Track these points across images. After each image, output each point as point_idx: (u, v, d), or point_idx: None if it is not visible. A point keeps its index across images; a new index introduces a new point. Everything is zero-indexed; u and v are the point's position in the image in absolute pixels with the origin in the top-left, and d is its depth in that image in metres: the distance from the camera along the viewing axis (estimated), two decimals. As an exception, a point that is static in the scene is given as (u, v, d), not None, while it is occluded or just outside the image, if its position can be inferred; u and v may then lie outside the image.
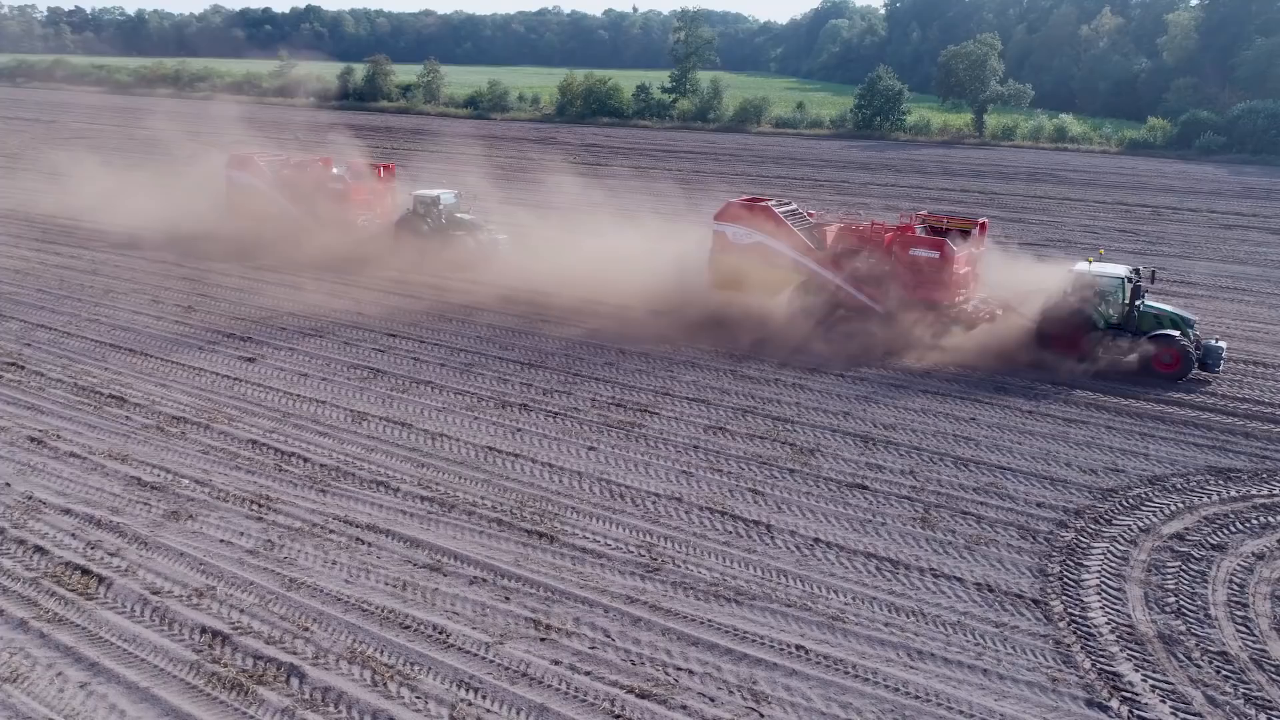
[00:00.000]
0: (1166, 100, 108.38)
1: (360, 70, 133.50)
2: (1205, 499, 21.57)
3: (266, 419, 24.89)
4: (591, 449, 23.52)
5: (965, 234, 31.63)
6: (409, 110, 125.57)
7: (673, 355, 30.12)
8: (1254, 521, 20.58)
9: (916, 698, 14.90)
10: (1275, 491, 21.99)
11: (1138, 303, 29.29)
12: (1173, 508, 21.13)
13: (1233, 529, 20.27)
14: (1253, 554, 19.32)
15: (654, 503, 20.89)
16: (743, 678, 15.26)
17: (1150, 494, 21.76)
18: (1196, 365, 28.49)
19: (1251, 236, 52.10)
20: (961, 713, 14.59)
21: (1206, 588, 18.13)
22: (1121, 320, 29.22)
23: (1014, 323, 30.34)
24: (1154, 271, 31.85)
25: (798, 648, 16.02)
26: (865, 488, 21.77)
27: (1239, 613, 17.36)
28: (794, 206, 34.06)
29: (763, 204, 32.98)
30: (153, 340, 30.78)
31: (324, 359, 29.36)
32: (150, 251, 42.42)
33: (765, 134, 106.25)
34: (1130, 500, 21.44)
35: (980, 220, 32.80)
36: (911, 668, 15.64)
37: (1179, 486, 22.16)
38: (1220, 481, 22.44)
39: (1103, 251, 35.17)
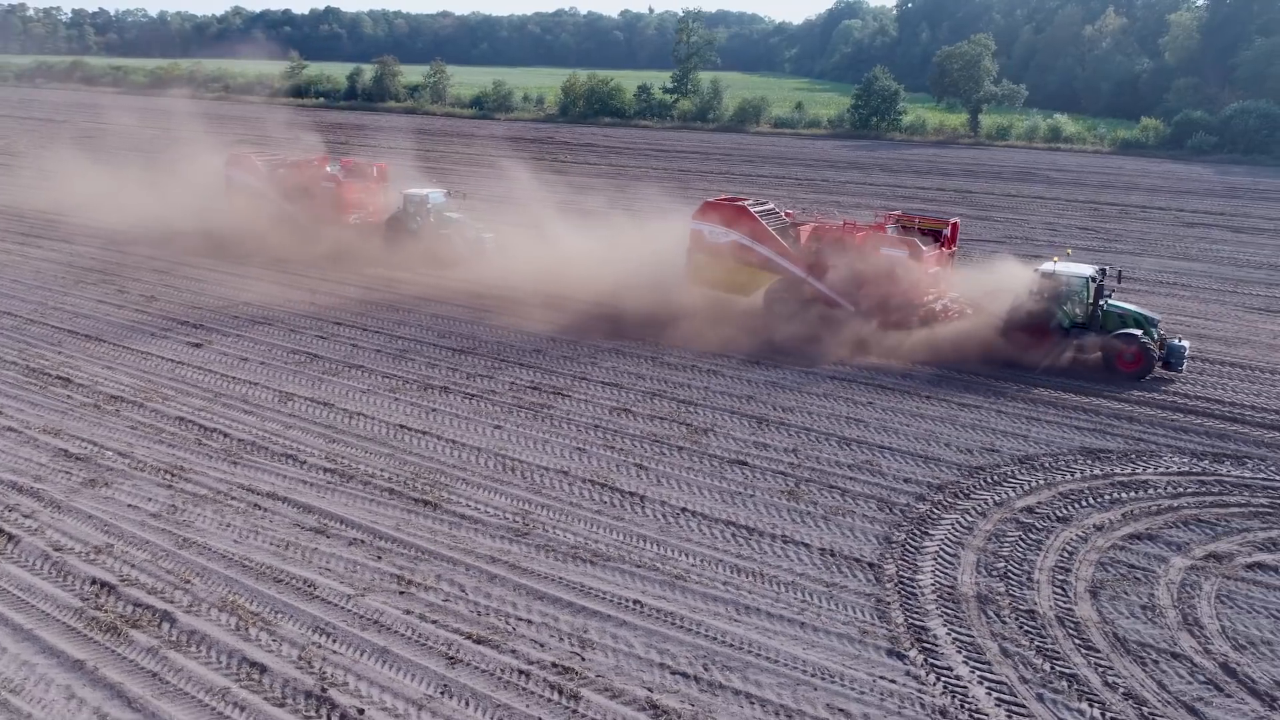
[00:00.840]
0: (1167, 100, 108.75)
1: (369, 71, 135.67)
2: (1068, 476, 22.76)
3: (199, 398, 26.48)
4: (498, 427, 24.97)
5: (936, 234, 32.45)
6: (415, 110, 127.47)
7: (600, 344, 31.47)
8: (1106, 497, 21.76)
9: (730, 645, 16.24)
10: (1138, 470, 23.14)
11: (1102, 302, 29.67)
12: (1034, 484, 22.34)
13: (1083, 503, 21.46)
14: (1094, 525, 20.52)
15: (541, 476, 22.30)
16: (576, 627, 16.65)
17: (1017, 472, 22.97)
18: (1159, 364, 28.99)
19: (1210, 234, 52.92)
20: (767, 659, 15.92)
21: (1038, 555, 19.36)
22: (1086, 319, 29.64)
23: (984, 321, 31.00)
24: (1120, 271, 32.37)
25: (635, 602, 17.40)
26: (745, 464, 23.11)
27: (1060, 577, 18.58)
28: (770, 206, 34.68)
29: (738, 203, 33.73)
30: (110, 327, 32.46)
31: (267, 345, 30.93)
32: (130, 246, 44.12)
33: (763, 134, 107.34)
34: (995, 477, 22.67)
35: (952, 220, 33.54)
36: (735, 620, 16.97)
37: (1047, 465, 23.36)
38: (1089, 461, 23.62)
39: (1070, 251, 35.77)
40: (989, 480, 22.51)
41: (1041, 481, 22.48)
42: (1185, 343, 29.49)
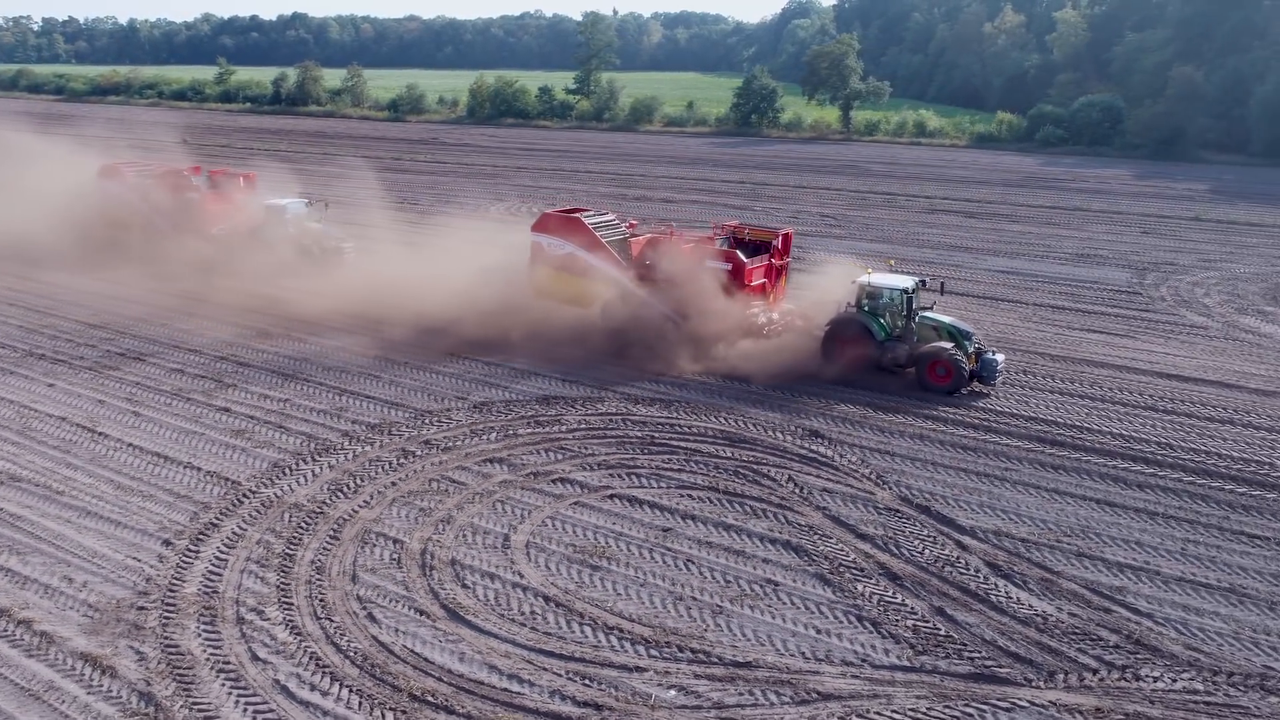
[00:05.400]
0: (1050, 95, 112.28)
1: (292, 75, 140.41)
2: (499, 418, 26.62)
3: None
4: (77, 395, 28.54)
5: (766, 245, 32.95)
6: (334, 114, 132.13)
7: (268, 329, 35.10)
8: (507, 431, 25.63)
9: (40, 539, 20.23)
10: (565, 413, 27.00)
11: (916, 314, 29.87)
12: (460, 423, 26.23)
13: (480, 436, 25.35)
14: (466, 453, 24.37)
15: (58, 426, 25.97)
16: (-66, 528, 20.73)
17: (461, 415, 26.82)
18: (972, 378, 29.11)
19: (940, 220, 56.76)
20: (57, 546, 19.90)
21: (388, 474, 23.24)
22: (901, 331, 29.98)
23: (809, 332, 31.32)
24: (942, 283, 33.32)
25: (13, 515, 21.36)
26: (229, 410, 27.15)
27: (384, 490, 22.49)
28: (611, 217, 34.83)
29: (574, 215, 33.89)
30: None
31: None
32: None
33: (653, 132, 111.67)
34: (435, 419, 26.51)
35: (784, 231, 33.77)
36: (68, 522, 20.90)
37: (496, 410, 27.17)
38: (537, 406, 27.47)
39: (892, 262, 36.48)
40: (425, 421, 26.43)
41: (467, 421, 26.39)
42: (1000, 356, 29.29)
